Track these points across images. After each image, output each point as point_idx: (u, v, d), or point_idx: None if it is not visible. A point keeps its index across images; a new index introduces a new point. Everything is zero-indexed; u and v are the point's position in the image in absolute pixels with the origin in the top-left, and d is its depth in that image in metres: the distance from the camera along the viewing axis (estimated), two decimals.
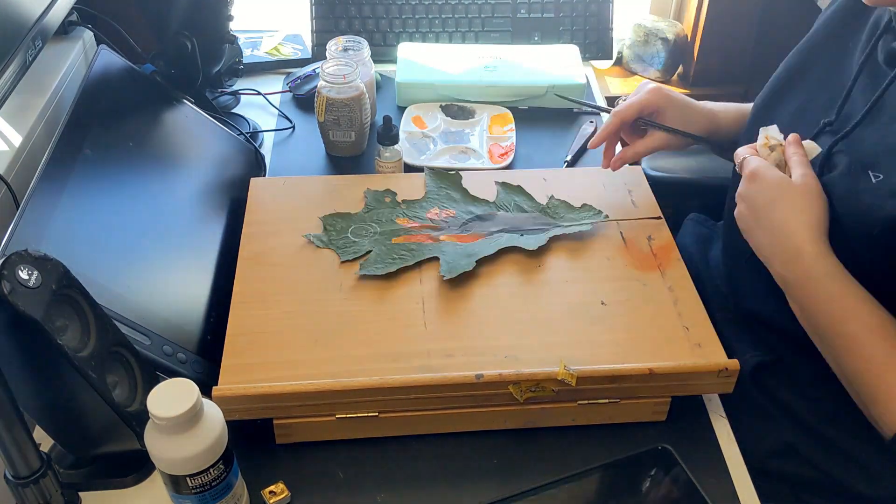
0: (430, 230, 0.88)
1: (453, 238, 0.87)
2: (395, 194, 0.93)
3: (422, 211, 0.91)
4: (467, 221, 0.90)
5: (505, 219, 0.91)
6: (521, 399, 0.73)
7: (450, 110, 1.20)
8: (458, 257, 0.84)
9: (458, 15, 1.35)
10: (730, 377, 0.74)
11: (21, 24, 0.86)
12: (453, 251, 0.85)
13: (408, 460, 0.75)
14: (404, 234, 0.87)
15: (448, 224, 0.89)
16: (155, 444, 0.61)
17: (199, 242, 0.88)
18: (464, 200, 0.93)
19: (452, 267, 0.83)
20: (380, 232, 0.87)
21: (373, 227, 0.87)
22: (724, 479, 0.73)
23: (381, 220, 0.89)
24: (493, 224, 0.90)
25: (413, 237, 0.87)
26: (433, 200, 0.93)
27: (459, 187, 0.95)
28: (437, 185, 0.95)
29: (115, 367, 0.66)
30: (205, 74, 1.11)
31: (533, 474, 0.73)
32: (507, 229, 0.89)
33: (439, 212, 0.91)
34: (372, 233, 0.87)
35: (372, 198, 0.92)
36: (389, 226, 0.89)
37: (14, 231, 0.67)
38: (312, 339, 0.76)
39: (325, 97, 1.07)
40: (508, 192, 0.94)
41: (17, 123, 0.91)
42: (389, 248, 0.85)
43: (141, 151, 0.89)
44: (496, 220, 0.90)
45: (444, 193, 0.94)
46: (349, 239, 0.86)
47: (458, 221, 0.90)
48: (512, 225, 0.90)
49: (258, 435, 0.75)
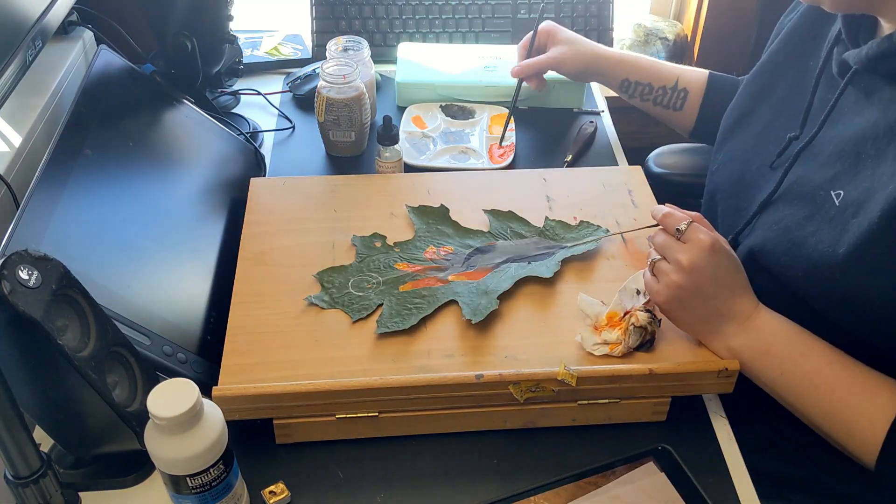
0: (434, 271, 0.83)
1: (461, 276, 0.83)
2: (385, 238, 0.87)
3: (418, 252, 0.86)
4: (469, 256, 0.85)
5: (506, 248, 0.87)
6: (521, 399, 0.73)
7: (450, 110, 1.20)
8: (476, 297, 0.80)
9: (458, 15, 1.36)
10: (730, 377, 0.74)
11: (21, 24, 0.86)
12: (467, 291, 0.81)
13: (408, 460, 0.75)
14: (410, 281, 0.82)
15: (450, 262, 0.85)
16: (155, 444, 0.61)
17: (199, 242, 0.88)
18: (457, 234, 0.88)
19: (475, 309, 0.78)
20: (383, 282, 0.82)
21: (373, 276, 0.82)
22: (724, 479, 0.73)
23: (380, 268, 0.83)
24: (496, 255, 0.86)
25: (420, 282, 0.82)
26: (426, 239, 0.87)
27: (448, 220, 0.90)
28: (424, 222, 0.89)
29: (115, 367, 0.66)
30: (205, 74, 1.11)
31: (533, 474, 0.73)
32: (513, 258, 0.86)
33: (436, 250, 0.86)
34: (374, 283, 0.81)
35: (362, 245, 0.86)
36: (391, 273, 0.83)
37: (14, 231, 0.67)
38: (312, 339, 0.76)
39: (325, 97, 1.07)
40: (501, 220, 0.90)
41: (17, 123, 0.91)
42: (400, 299, 0.80)
43: (141, 151, 0.89)
44: (498, 251, 0.87)
45: (435, 229, 0.89)
46: (353, 294, 0.80)
47: (460, 258, 0.85)
48: (516, 253, 0.86)
49: (258, 435, 0.75)
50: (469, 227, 0.89)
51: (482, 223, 0.91)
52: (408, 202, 0.93)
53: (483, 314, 0.77)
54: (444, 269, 0.84)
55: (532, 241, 0.88)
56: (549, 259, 0.85)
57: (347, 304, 0.79)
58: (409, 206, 0.92)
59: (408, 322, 0.77)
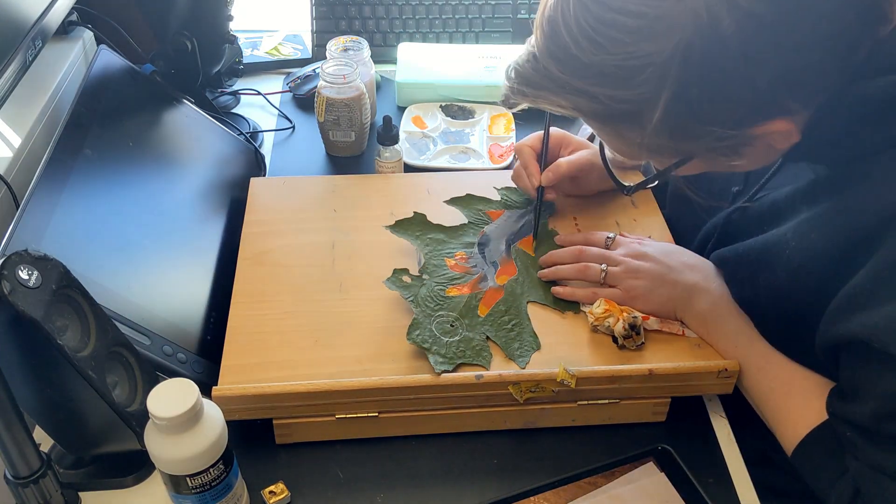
0: (479, 282, 0.82)
1: (501, 276, 0.83)
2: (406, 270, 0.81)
3: (442, 269, 0.83)
4: (483, 254, 0.86)
5: (494, 231, 0.89)
6: (521, 399, 0.73)
7: (450, 110, 1.20)
8: (534, 289, 0.82)
9: (458, 15, 1.35)
10: (730, 377, 0.74)
11: (21, 24, 0.86)
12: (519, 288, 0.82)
13: (408, 460, 0.75)
14: (476, 302, 0.80)
15: (476, 266, 0.84)
16: (155, 444, 0.61)
17: (199, 242, 0.88)
18: (449, 236, 0.87)
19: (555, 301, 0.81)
20: (457, 315, 0.78)
21: (443, 316, 0.77)
22: (724, 479, 0.73)
23: (438, 300, 0.79)
24: (496, 241, 0.87)
25: (484, 300, 0.80)
26: (432, 253, 0.85)
27: (431, 225, 0.88)
28: (411, 235, 0.86)
29: (115, 367, 0.66)
30: (205, 74, 1.11)
31: (533, 474, 0.73)
32: (509, 239, 0.88)
33: (454, 262, 0.84)
34: (454, 319, 0.77)
35: (396, 286, 0.79)
36: (451, 302, 0.79)
37: (14, 231, 0.67)
38: (312, 339, 0.76)
39: (325, 97, 1.07)
40: (467, 207, 0.91)
41: (17, 123, 0.91)
42: (496, 326, 0.77)
43: (141, 151, 0.89)
44: (493, 237, 0.88)
45: (428, 240, 0.86)
46: (449, 341, 0.75)
47: (478, 258, 0.85)
48: (506, 232, 0.89)
49: (258, 435, 0.75)
50: (454, 225, 0.89)
51: (458, 215, 0.91)
52: (407, 202, 0.93)
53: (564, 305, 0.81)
54: (484, 279, 0.83)
55: (506, 215, 0.91)
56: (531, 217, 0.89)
57: (461, 356, 0.74)
58: (386, 226, 0.87)
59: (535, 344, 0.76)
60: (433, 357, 0.73)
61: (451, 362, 0.73)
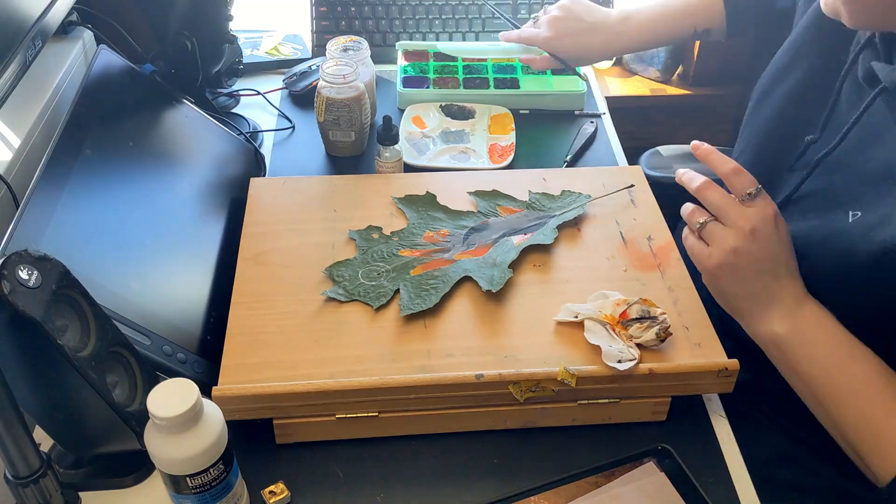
0: (439, 253, 0.85)
1: (465, 255, 0.85)
2: (381, 228, 0.88)
3: (416, 237, 0.87)
4: (467, 235, 0.88)
5: (499, 224, 0.90)
6: (521, 399, 0.73)
7: (450, 110, 1.20)
8: (487, 269, 0.82)
9: (458, 15, 1.35)
10: (730, 377, 0.74)
11: (21, 24, 0.86)
12: (476, 266, 0.83)
13: (408, 460, 0.75)
14: (419, 265, 0.84)
15: (450, 243, 0.87)
16: (155, 444, 0.61)
17: (199, 242, 0.88)
18: (449, 217, 0.91)
19: (490, 280, 0.81)
20: (392, 269, 0.83)
21: (380, 266, 0.83)
22: (724, 479, 0.73)
23: (385, 257, 0.84)
24: (492, 231, 0.89)
25: (428, 265, 0.84)
26: (420, 225, 0.89)
27: (437, 205, 0.92)
28: (414, 209, 0.91)
29: (115, 367, 0.66)
30: (205, 74, 1.11)
31: (533, 474, 0.73)
32: (508, 232, 0.88)
33: (433, 234, 0.88)
34: (384, 271, 0.82)
35: (360, 238, 0.87)
36: (397, 260, 0.84)
37: (14, 231, 0.67)
38: (312, 339, 0.76)
39: (324, 97, 1.07)
40: (487, 199, 0.93)
41: (17, 123, 0.91)
42: (416, 282, 0.81)
43: (141, 151, 0.89)
44: (492, 227, 0.89)
45: (427, 216, 0.90)
46: (366, 284, 0.81)
47: (458, 238, 0.88)
48: (509, 227, 0.89)
49: (258, 435, 0.75)
50: (459, 210, 0.92)
51: (471, 205, 0.93)
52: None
53: (500, 283, 0.80)
54: (447, 251, 0.86)
55: (522, 214, 0.91)
56: (545, 227, 0.88)
57: (364, 294, 0.80)
58: (395, 197, 0.93)
59: (430, 301, 0.79)
60: (334, 288, 0.80)
61: (343, 296, 0.79)
